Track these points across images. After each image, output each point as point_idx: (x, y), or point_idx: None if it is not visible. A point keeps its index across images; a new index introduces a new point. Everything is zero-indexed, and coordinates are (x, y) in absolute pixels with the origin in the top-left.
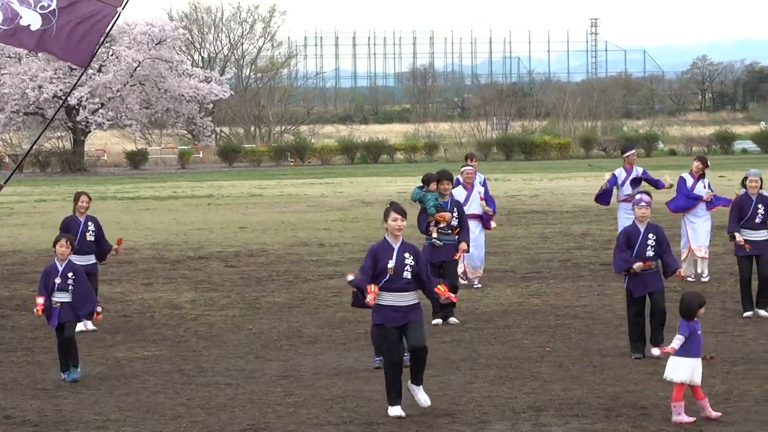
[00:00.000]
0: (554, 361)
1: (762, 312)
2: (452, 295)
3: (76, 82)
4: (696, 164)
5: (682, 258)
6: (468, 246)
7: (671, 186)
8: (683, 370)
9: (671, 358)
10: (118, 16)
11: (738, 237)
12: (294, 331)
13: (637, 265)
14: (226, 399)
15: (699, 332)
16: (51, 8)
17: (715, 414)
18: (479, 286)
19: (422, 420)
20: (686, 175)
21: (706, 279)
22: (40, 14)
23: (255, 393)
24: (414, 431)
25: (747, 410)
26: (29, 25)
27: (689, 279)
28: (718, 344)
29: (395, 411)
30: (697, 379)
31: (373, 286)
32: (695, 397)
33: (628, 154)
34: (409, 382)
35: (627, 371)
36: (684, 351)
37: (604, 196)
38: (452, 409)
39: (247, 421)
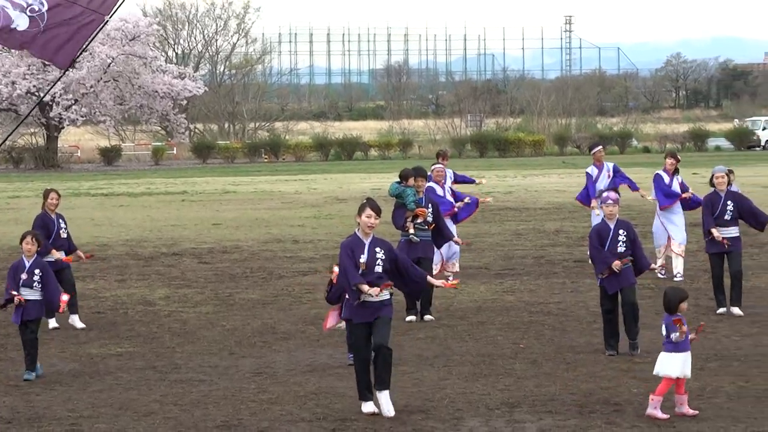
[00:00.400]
0: (528, 357)
1: (735, 310)
2: (453, 282)
3: (56, 81)
4: (669, 161)
5: (659, 256)
6: (456, 239)
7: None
8: (675, 365)
9: (662, 354)
10: (105, 23)
11: (716, 233)
12: (268, 327)
13: (616, 264)
14: (200, 395)
15: (685, 326)
16: (40, 11)
17: (691, 412)
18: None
19: (396, 417)
20: (661, 173)
21: (680, 278)
22: (29, 16)
23: (228, 389)
24: (387, 428)
25: (720, 407)
26: (17, 26)
27: (660, 275)
28: (691, 341)
29: (368, 407)
30: (688, 373)
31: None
32: (678, 391)
33: (594, 150)
34: (374, 385)
35: (600, 368)
36: (674, 346)
37: (584, 195)
38: (426, 406)
39: (221, 418)
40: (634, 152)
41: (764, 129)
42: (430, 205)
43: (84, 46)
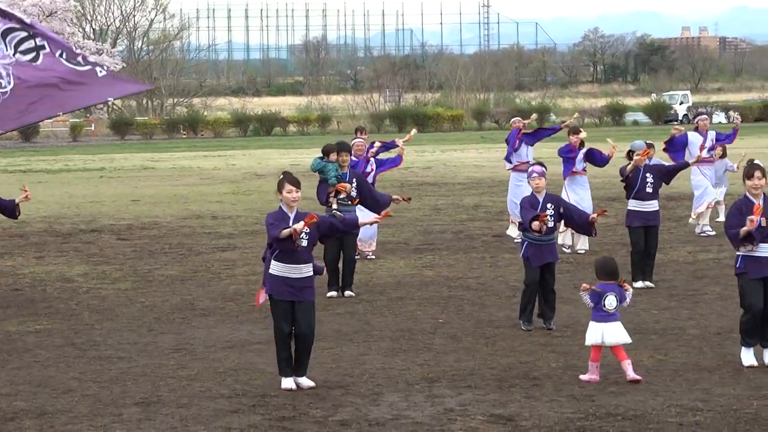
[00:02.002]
0: (447, 332)
1: (648, 282)
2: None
3: None
4: (573, 138)
5: (561, 230)
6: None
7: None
8: (593, 333)
9: (590, 324)
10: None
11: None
12: (187, 304)
13: (535, 224)
14: (119, 372)
15: (606, 294)
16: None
17: (636, 376)
18: (373, 257)
19: (315, 392)
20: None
21: (583, 252)
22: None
23: (148, 366)
24: (307, 403)
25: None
26: None
27: (565, 250)
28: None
29: (287, 383)
30: (609, 341)
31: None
32: (618, 358)
33: (513, 120)
34: (294, 370)
35: (519, 342)
36: (596, 316)
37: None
38: (345, 381)
39: (140, 395)
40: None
41: (681, 103)
42: (354, 180)
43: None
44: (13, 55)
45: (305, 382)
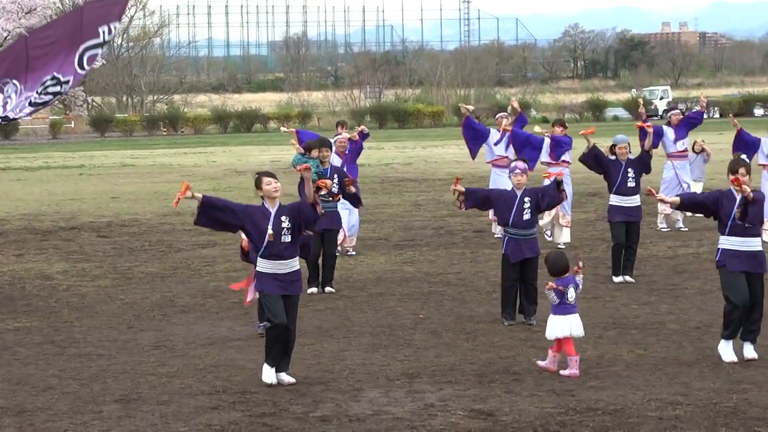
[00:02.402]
0: (427, 328)
1: (628, 278)
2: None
3: None
4: (558, 129)
5: (543, 222)
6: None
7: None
8: (561, 326)
9: (550, 318)
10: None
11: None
12: (167, 300)
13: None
14: (99, 370)
15: (567, 287)
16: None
17: (576, 373)
18: (353, 253)
19: (296, 388)
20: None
21: (563, 246)
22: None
23: (128, 363)
24: (287, 400)
25: (618, 374)
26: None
27: (547, 238)
28: (590, 309)
29: (268, 376)
30: (576, 332)
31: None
32: (567, 352)
33: (498, 116)
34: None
35: (499, 338)
36: (559, 310)
37: (473, 143)
38: (326, 377)
39: (120, 392)
40: (533, 122)
41: (662, 98)
42: (335, 176)
43: None
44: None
45: (286, 378)
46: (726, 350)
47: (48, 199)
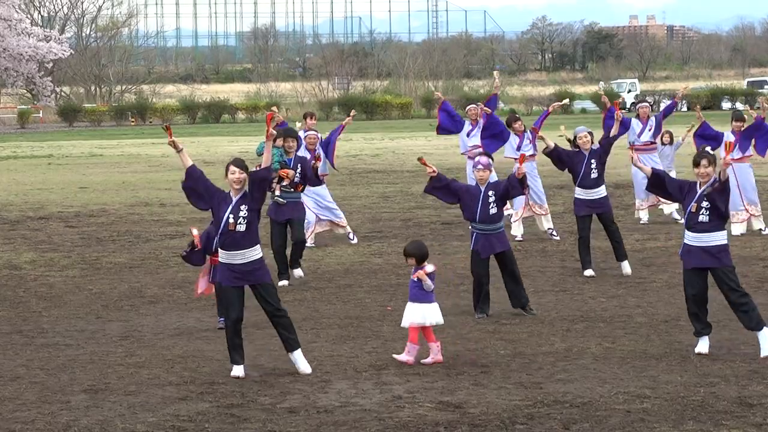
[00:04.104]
0: (395, 320)
1: (625, 267)
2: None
3: None
4: (518, 124)
5: (514, 219)
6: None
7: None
8: (419, 313)
9: (407, 306)
10: None
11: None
12: (135, 291)
13: (429, 170)
14: (67, 360)
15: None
16: None
17: (439, 358)
18: (354, 241)
19: (263, 380)
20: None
21: (556, 237)
22: None
23: (96, 354)
24: (255, 391)
25: (586, 367)
26: None
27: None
28: (558, 302)
29: (237, 371)
30: (431, 321)
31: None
32: (427, 339)
33: (468, 107)
34: (285, 348)
35: (467, 330)
36: (416, 297)
37: (445, 124)
38: (294, 368)
39: (88, 382)
40: (500, 114)
41: (629, 91)
42: (299, 166)
43: None
44: None
45: (302, 364)
46: (698, 343)
47: (16, 189)
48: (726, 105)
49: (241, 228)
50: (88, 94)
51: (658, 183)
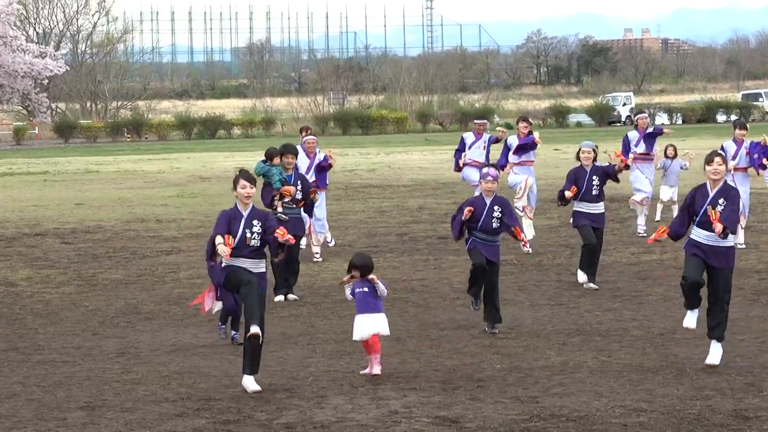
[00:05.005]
0: (391, 334)
1: (591, 284)
2: (291, 237)
3: None
4: (522, 125)
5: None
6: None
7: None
8: (368, 325)
9: (356, 318)
10: None
11: (568, 193)
12: (131, 307)
13: (467, 210)
14: (63, 377)
15: (364, 290)
16: None
17: (378, 371)
18: (332, 243)
19: (260, 395)
20: (513, 138)
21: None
22: None
23: (92, 370)
24: (252, 406)
25: (582, 381)
26: None
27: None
28: (554, 316)
29: (250, 384)
30: (382, 331)
31: (229, 237)
32: (373, 350)
33: (477, 122)
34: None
35: (464, 344)
36: (365, 308)
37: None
38: (290, 384)
39: (84, 399)
40: (493, 127)
41: (624, 105)
42: (299, 182)
43: None
44: None
45: (251, 385)
46: (687, 317)
47: (12, 206)
48: (721, 118)
49: (255, 243)
50: (83, 111)
51: (681, 230)
